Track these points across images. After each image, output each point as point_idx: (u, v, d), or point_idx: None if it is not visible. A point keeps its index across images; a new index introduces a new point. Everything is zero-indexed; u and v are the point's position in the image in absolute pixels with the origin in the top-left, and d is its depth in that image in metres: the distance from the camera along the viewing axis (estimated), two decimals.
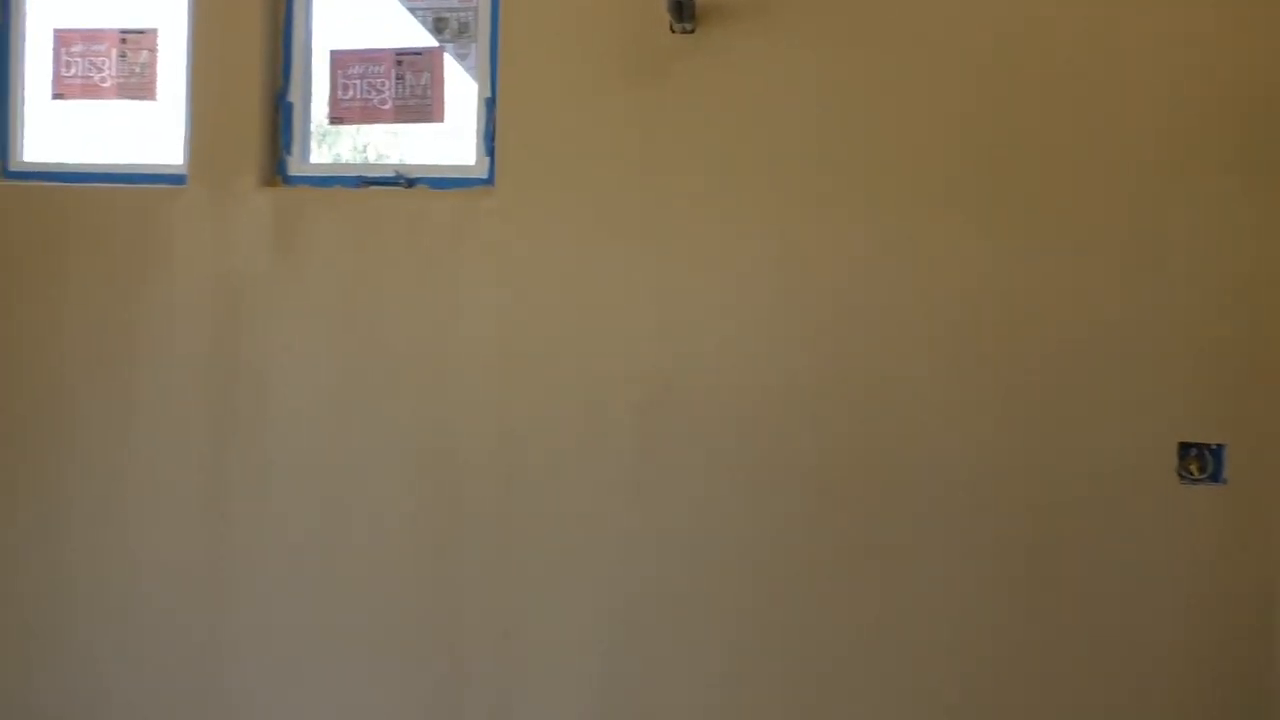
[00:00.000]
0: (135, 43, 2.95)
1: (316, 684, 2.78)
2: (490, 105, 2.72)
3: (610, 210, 2.63)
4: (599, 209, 2.64)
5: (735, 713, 2.58)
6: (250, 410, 2.80)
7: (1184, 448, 2.39)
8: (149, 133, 3.02)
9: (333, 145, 2.93)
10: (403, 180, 2.79)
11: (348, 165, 2.87)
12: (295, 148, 2.85)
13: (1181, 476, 2.39)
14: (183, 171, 2.87)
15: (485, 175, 2.75)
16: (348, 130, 3.05)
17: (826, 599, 2.53)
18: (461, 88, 2.80)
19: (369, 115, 2.86)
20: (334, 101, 2.86)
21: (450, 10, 2.78)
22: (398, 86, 2.81)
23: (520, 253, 2.67)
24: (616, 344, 2.64)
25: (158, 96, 2.96)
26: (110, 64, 2.97)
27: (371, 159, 3.14)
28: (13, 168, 3.03)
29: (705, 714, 2.59)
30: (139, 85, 2.97)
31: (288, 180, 2.85)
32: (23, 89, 3.05)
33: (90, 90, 3.01)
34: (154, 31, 2.95)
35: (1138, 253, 2.42)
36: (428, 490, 2.72)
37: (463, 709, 2.70)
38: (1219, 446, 2.38)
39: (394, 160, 3.00)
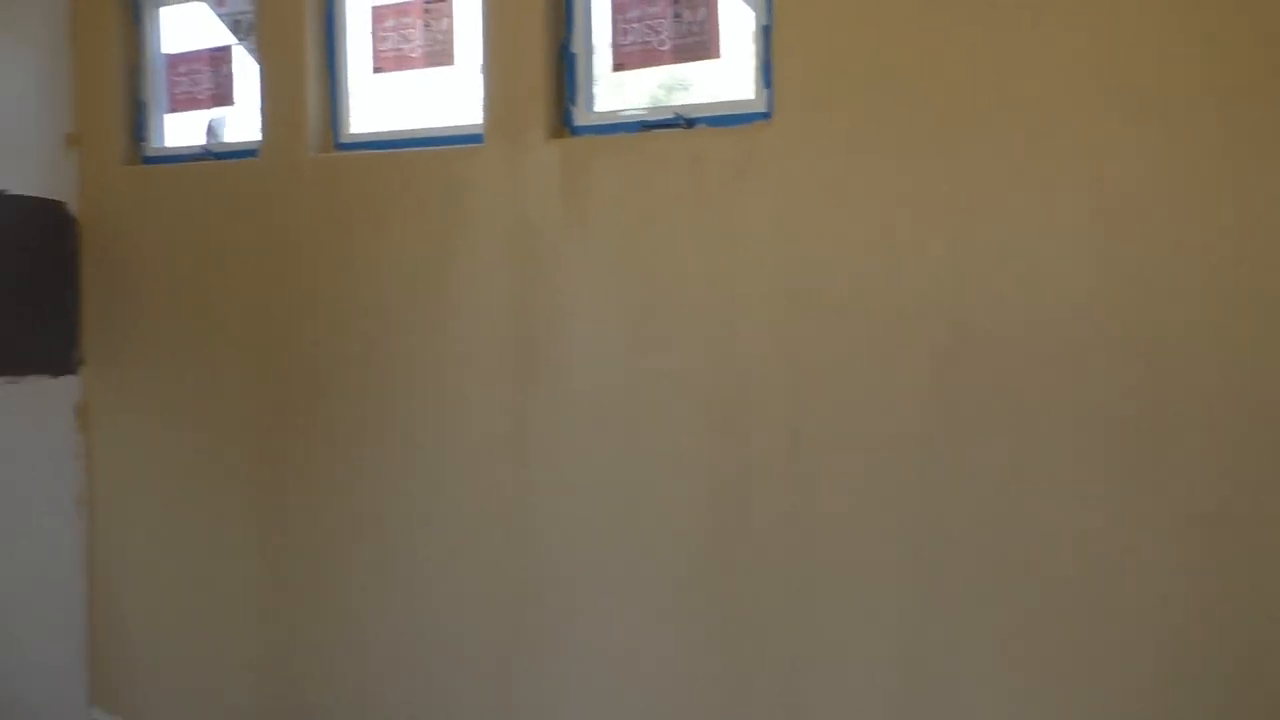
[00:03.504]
0: (436, 11, 3.11)
1: (613, 622, 2.84)
2: (767, 33, 2.59)
3: (902, 133, 2.41)
4: (889, 132, 2.43)
5: (1042, 677, 2.32)
6: (546, 355, 2.89)
7: None
8: (451, 96, 3.19)
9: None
10: (682, 121, 2.73)
11: (629, 111, 2.85)
12: (580, 97, 2.89)
13: None
14: (480, 131, 3.01)
15: (764, 109, 2.63)
16: (602, 89, 3.00)
17: (1157, 576, 2.19)
18: (735, 18, 2.70)
19: (649, 58, 2.83)
20: (615, 48, 2.87)
21: None
22: (675, 25, 2.75)
23: (802, 187, 2.53)
24: (909, 281, 2.43)
25: (456, 61, 3.11)
26: (417, 34, 3.16)
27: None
28: (341, 140, 3.33)
29: (1009, 674, 2.35)
30: (441, 52, 3.13)
31: (574, 130, 2.89)
32: (347, 67, 3.33)
33: (402, 62, 3.22)
34: None
35: None
36: (716, 434, 2.67)
37: (752, 655, 2.65)
38: None
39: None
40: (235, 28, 3.71)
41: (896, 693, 2.48)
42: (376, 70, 3.28)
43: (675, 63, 2.81)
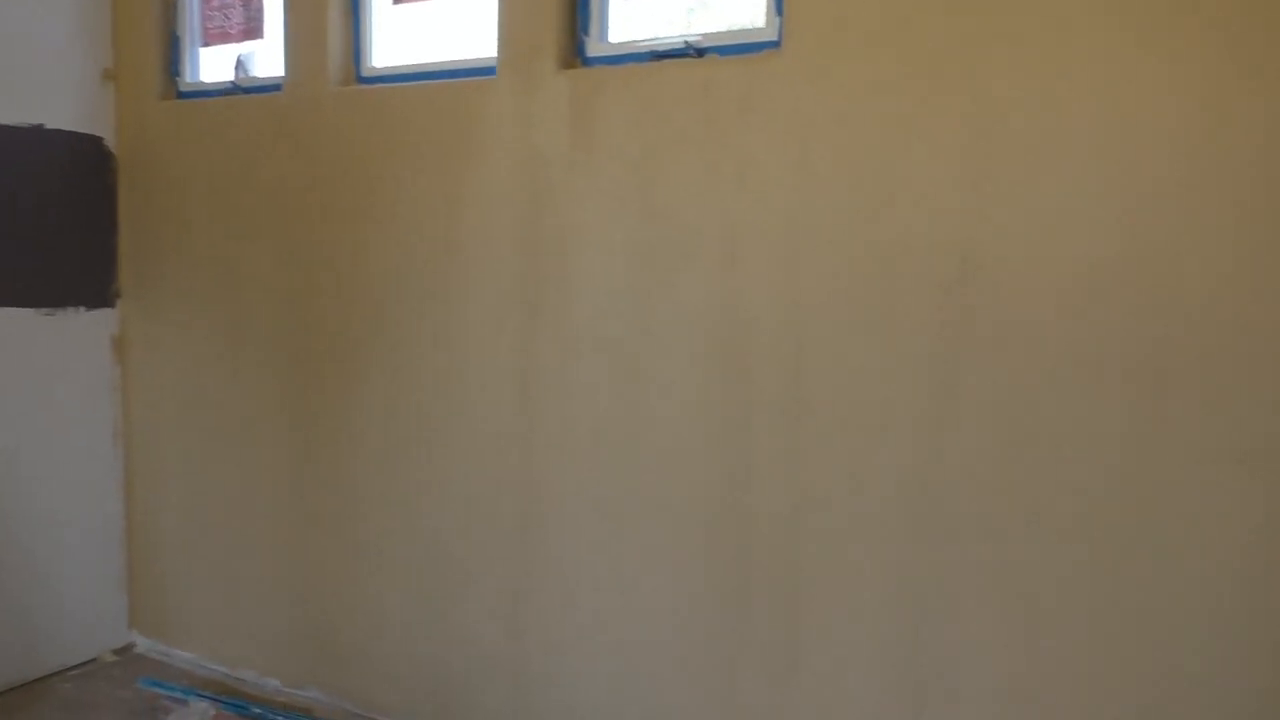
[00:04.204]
0: None
1: (615, 553, 2.84)
2: None
3: (915, 62, 2.34)
4: (897, 63, 2.36)
5: (1043, 616, 2.27)
6: (554, 285, 2.88)
7: None
8: (474, 26, 3.15)
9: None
10: (693, 51, 2.68)
11: (640, 42, 2.80)
12: (593, 28, 2.84)
13: None
14: (494, 63, 2.98)
15: (774, 37, 2.56)
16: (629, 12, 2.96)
17: (1170, 512, 2.13)
18: None
19: None
20: None
21: None
22: None
23: (809, 117, 2.47)
24: (915, 213, 2.37)
25: None
26: None
27: None
28: (363, 74, 3.33)
29: (1005, 612, 2.30)
30: None
31: (586, 61, 2.86)
32: (371, 1, 3.32)
33: None
34: None
35: None
36: (718, 366, 2.65)
37: (749, 589, 2.63)
38: None
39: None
40: None
41: (891, 628, 2.45)
42: (397, 1, 3.27)
43: None
